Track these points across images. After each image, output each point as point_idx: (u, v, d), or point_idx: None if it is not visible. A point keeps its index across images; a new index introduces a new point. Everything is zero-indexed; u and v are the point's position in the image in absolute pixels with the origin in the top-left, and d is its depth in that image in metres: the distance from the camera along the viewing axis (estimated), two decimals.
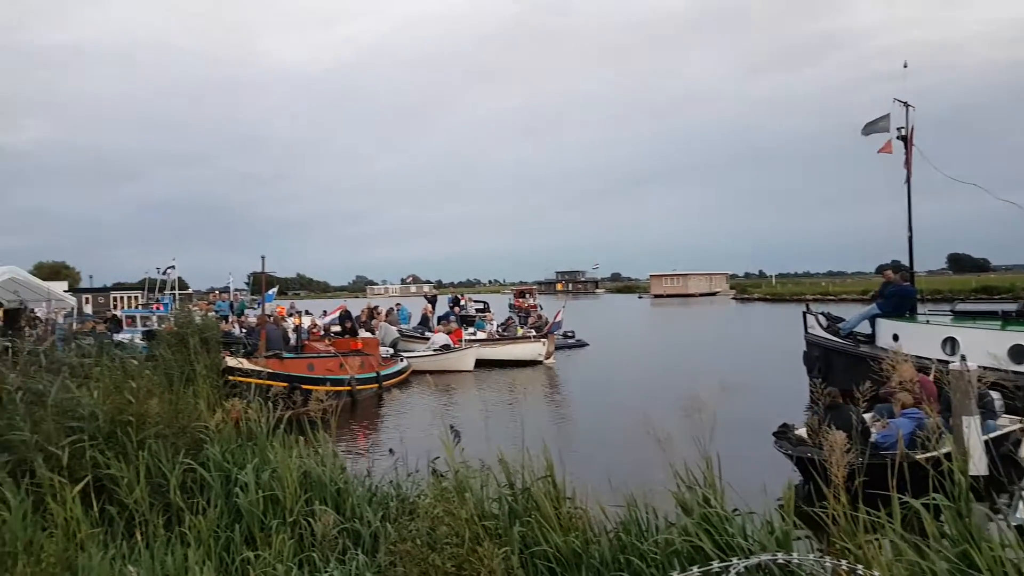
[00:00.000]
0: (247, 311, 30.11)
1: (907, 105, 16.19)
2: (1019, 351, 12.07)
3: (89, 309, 49.57)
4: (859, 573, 3.42)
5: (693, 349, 29.77)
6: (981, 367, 7.46)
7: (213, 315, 17.56)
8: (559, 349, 27.14)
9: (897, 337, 14.50)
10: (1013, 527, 4.16)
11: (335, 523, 5.42)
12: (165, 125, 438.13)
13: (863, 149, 17.06)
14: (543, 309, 34.47)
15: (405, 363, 21.74)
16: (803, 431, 9.25)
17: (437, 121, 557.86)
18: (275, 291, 38.87)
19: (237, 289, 42.37)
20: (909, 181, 16.30)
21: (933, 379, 9.63)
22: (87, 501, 5.80)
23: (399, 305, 31.24)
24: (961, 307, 16.14)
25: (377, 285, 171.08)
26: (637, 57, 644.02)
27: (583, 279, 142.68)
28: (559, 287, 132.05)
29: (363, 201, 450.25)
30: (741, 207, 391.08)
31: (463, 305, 33.22)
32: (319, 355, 18.26)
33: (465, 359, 23.25)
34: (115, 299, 59.22)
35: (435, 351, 23.62)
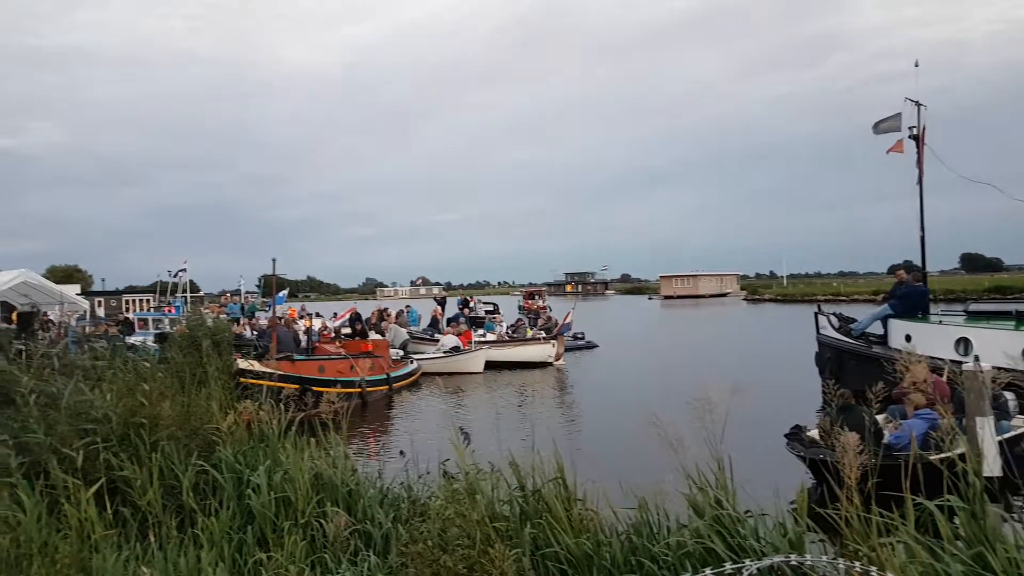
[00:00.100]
0: (258, 313, 30.21)
1: (919, 104, 16.10)
2: None
3: (101, 312, 49.94)
4: (873, 575, 3.40)
5: (703, 350, 29.66)
6: (995, 367, 7.39)
7: (225, 317, 17.62)
8: (569, 351, 27.11)
9: (910, 338, 14.41)
10: None
11: (347, 524, 5.43)
12: (175, 129, 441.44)
13: (874, 149, 17.01)
14: (552, 311, 34.44)
15: (415, 365, 21.78)
16: (815, 432, 9.21)
17: (446, 122, 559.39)
18: (286, 293, 39.07)
19: (248, 292, 42.58)
20: (921, 181, 16.21)
21: (946, 380, 9.56)
22: (101, 503, 5.83)
23: (409, 307, 31.29)
24: (974, 307, 16.04)
25: (387, 287, 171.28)
26: (645, 56, 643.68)
27: (592, 280, 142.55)
28: (568, 289, 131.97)
29: (373, 203, 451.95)
30: (752, 207, 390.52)
31: (472, 307, 33.25)
32: (330, 357, 18.31)
33: (475, 361, 23.26)
34: (127, 302, 59.67)
35: (445, 353, 23.64)
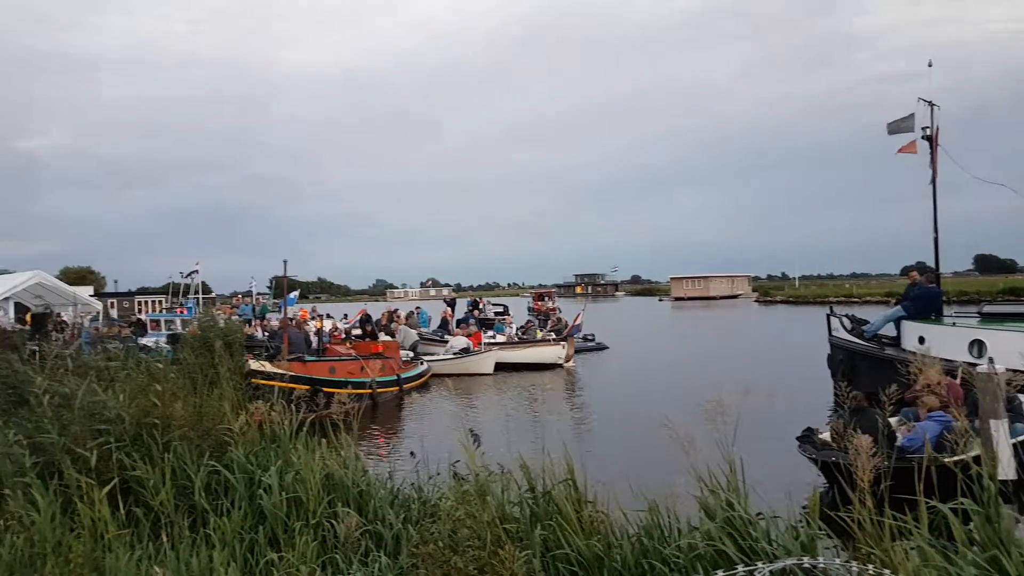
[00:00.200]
0: (269, 314, 30.37)
1: (932, 104, 16.00)
2: None
3: (114, 313, 50.26)
4: None
5: (715, 352, 29.55)
6: (1009, 370, 7.33)
7: (237, 319, 17.73)
8: (579, 352, 27.08)
9: (923, 339, 14.30)
10: None
11: (358, 525, 5.44)
12: (187, 131, 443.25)
13: (887, 149, 16.91)
14: (562, 312, 34.44)
15: (425, 366, 21.81)
16: (827, 435, 9.16)
17: (455, 123, 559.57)
18: (297, 295, 39.28)
19: (260, 293, 42.80)
20: (935, 181, 16.11)
21: (960, 382, 9.49)
22: (114, 502, 5.86)
23: (419, 308, 31.40)
24: (988, 309, 15.88)
25: (397, 288, 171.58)
26: (655, 58, 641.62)
27: (602, 282, 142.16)
28: (578, 290, 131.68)
29: (383, 205, 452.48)
30: (763, 208, 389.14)
31: (482, 308, 33.31)
32: (341, 358, 18.37)
33: (484, 362, 23.28)
34: (139, 303, 60.00)
35: (455, 354, 23.68)
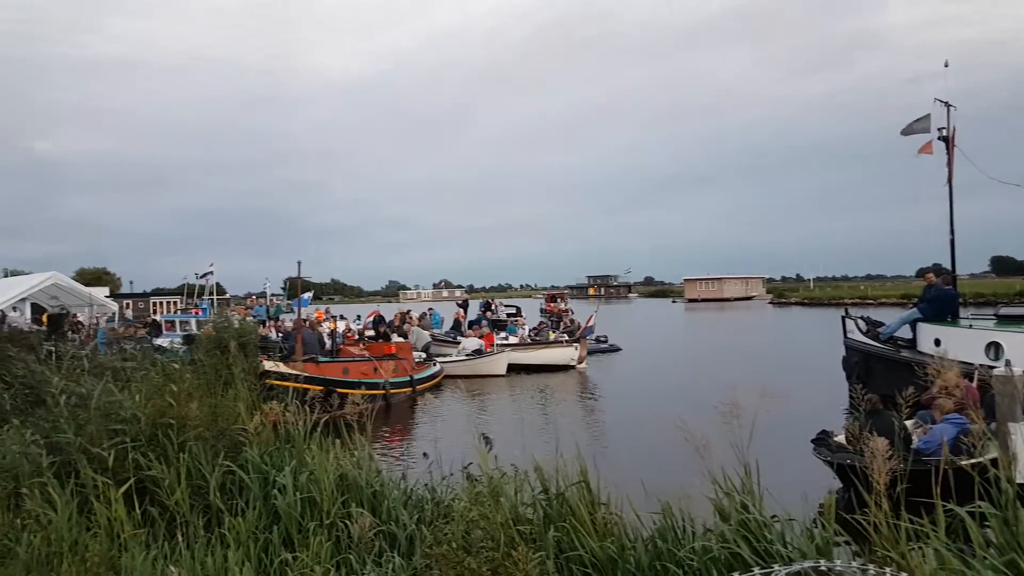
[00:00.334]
0: (283, 315, 30.54)
1: (948, 105, 15.86)
2: None
3: (129, 314, 50.72)
4: None
5: (729, 354, 29.41)
6: None
7: (251, 320, 17.82)
8: (592, 354, 27.04)
9: (939, 342, 14.19)
10: None
11: (371, 525, 5.45)
12: (211, 135, 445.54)
13: (903, 150, 16.79)
14: (575, 314, 34.40)
15: (438, 367, 21.84)
16: (842, 437, 9.11)
17: (471, 127, 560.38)
18: (310, 296, 39.49)
19: (274, 294, 43.08)
20: (951, 182, 15.97)
21: (977, 385, 9.41)
22: (130, 502, 5.91)
23: (431, 310, 31.47)
24: (1005, 311, 15.69)
25: (409, 290, 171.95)
26: (673, 60, 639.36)
27: (615, 283, 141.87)
28: (591, 291, 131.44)
29: (396, 207, 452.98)
30: (777, 210, 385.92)
31: (494, 310, 33.34)
32: (354, 359, 18.44)
33: (497, 364, 23.28)
34: (154, 304, 60.51)
35: (467, 356, 23.70)
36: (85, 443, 6.47)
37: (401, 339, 23.05)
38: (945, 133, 15.88)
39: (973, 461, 5.33)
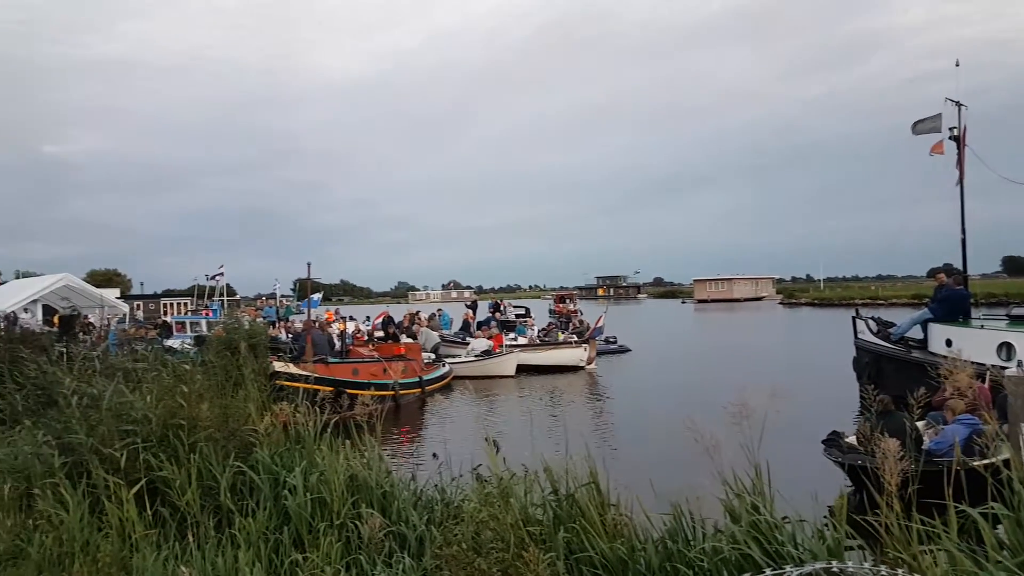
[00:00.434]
0: (293, 316, 30.64)
1: (959, 104, 15.78)
2: None
3: (140, 315, 51.02)
4: None
5: (739, 354, 29.34)
6: None
7: (261, 321, 17.90)
8: (601, 355, 27.01)
9: (950, 342, 14.10)
10: None
11: (381, 526, 5.46)
12: (213, 136, 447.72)
13: (913, 150, 16.72)
14: (584, 314, 34.36)
15: (447, 368, 21.87)
16: (853, 438, 9.07)
17: (471, 127, 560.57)
18: (320, 297, 39.60)
19: (283, 295, 43.23)
20: (962, 182, 15.88)
21: (988, 385, 9.36)
22: (141, 503, 5.94)
23: (440, 311, 31.48)
24: (1017, 311, 15.56)
25: (418, 291, 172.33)
26: (676, 60, 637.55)
27: (624, 284, 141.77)
28: (600, 292, 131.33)
29: (397, 207, 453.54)
30: (787, 210, 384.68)
31: (503, 310, 33.34)
32: (364, 360, 18.49)
33: (506, 365, 23.30)
34: (165, 305, 60.88)
35: (476, 356, 23.72)
36: (97, 444, 6.50)
37: (410, 340, 23.10)
38: (956, 133, 15.79)
39: (985, 462, 5.29)
